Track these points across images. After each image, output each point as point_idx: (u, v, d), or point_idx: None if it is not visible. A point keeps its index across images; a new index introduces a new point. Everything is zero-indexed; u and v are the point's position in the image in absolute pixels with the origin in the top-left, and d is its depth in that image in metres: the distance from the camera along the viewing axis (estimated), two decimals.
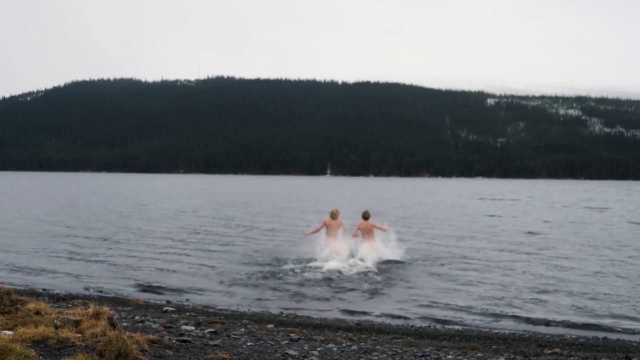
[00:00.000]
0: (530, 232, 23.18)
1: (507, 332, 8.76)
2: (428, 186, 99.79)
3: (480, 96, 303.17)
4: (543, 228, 25.21)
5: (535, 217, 32.02)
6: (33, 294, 9.58)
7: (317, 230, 15.65)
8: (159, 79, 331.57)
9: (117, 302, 9.88)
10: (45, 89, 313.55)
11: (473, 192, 70.61)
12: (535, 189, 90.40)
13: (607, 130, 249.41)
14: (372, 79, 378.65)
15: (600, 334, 8.66)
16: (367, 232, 15.14)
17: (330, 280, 12.81)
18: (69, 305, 8.26)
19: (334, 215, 15.33)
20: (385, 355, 6.18)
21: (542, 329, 9.01)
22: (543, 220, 29.31)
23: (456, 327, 9.12)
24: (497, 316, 9.83)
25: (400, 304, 10.65)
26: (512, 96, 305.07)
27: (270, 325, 8.21)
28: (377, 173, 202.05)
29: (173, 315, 8.51)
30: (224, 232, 22.27)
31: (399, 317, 9.81)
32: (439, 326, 9.17)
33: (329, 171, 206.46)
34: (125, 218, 28.26)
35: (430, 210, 36.44)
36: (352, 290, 11.88)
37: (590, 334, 8.71)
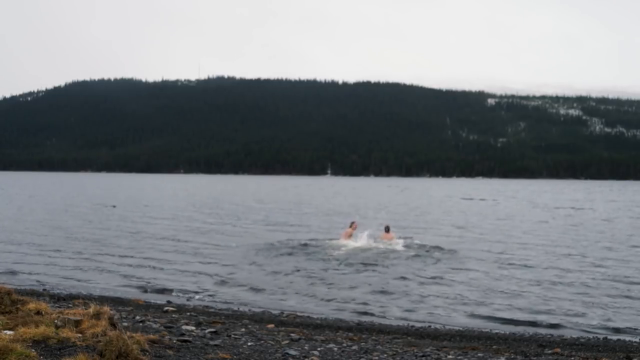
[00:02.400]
0: (524, 233, 23.19)
1: (508, 332, 8.76)
2: (426, 186, 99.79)
3: (481, 96, 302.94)
4: (536, 228, 25.21)
5: (527, 217, 32.02)
6: (34, 294, 9.57)
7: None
8: (160, 79, 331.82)
9: (118, 302, 9.88)
10: (46, 89, 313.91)
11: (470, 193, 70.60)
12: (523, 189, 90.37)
13: (607, 130, 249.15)
14: (373, 79, 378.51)
15: (601, 334, 8.64)
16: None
17: (330, 279, 12.80)
18: (70, 305, 8.25)
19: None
20: (385, 355, 6.17)
21: (542, 329, 9.01)
22: (536, 221, 29.30)
23: (457, 327, 9.11)
24: (498, 316, 9.82)
25: (400, 304, 10.65)
26: (512, 96, 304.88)
27: (270, 325, 8.20)
28: (378, 173, 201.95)
29: (174, 315, 8.51)
30: (223, 231, 22.28)
31: (399, 317, 9.81)
32: (439, 326, 9.16)
33: (329, 171, 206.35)
34: (125, 219, 28.28)
35: (425, 210, 36.44)
36: (352, 289, 11.87)
37: (590, 334, 8.71)
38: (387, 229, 18.66)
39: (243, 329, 7.47)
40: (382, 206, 38.87)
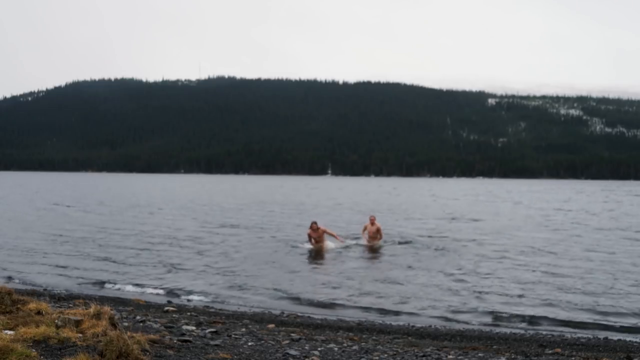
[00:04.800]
0: (522, 230, 23.18)
1: (508, 331, 8.75)
2: (423, 185, 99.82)
3: (481, 96, 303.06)
4: (535, 226, 25.20)
5: (525, 216, 32.03)
6: (34, 293, 9.57)
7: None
8: (160, 79, 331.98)
9: (118, 302, 9.88)
10: (46, 89, 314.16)
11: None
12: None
13: (608, 130, 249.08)
14: (373, 79, 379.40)
15: (602, 334, 8.64)
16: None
17: (330, 279, 12.80)
18: (70, 305, 8.25)
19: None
20: (386, 355, 6.17)
21: (543, 329, 9.00)
22: (532, 220, 29.31)
23: (457, 326, 9.11)
24: (498, 316, 9.82)
25: (400, 304, 10.65)
26: (513, 96, 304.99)
27: (271, 325, 8.20)
28: (378, 173, 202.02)
29: (174, 315, 8.51)
30: (221, 232, 22.29)
31: (399, 317, 9.81)
32: (439, 326, 9.15)
33: (329, 171, 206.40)
34: (125, 219, 28.30)
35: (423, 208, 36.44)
36: (351, 289, 11.87)
37: (591, 333, 8.70)
38: (373, 221, 18.04)
39: (243, 329, 7.47)
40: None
